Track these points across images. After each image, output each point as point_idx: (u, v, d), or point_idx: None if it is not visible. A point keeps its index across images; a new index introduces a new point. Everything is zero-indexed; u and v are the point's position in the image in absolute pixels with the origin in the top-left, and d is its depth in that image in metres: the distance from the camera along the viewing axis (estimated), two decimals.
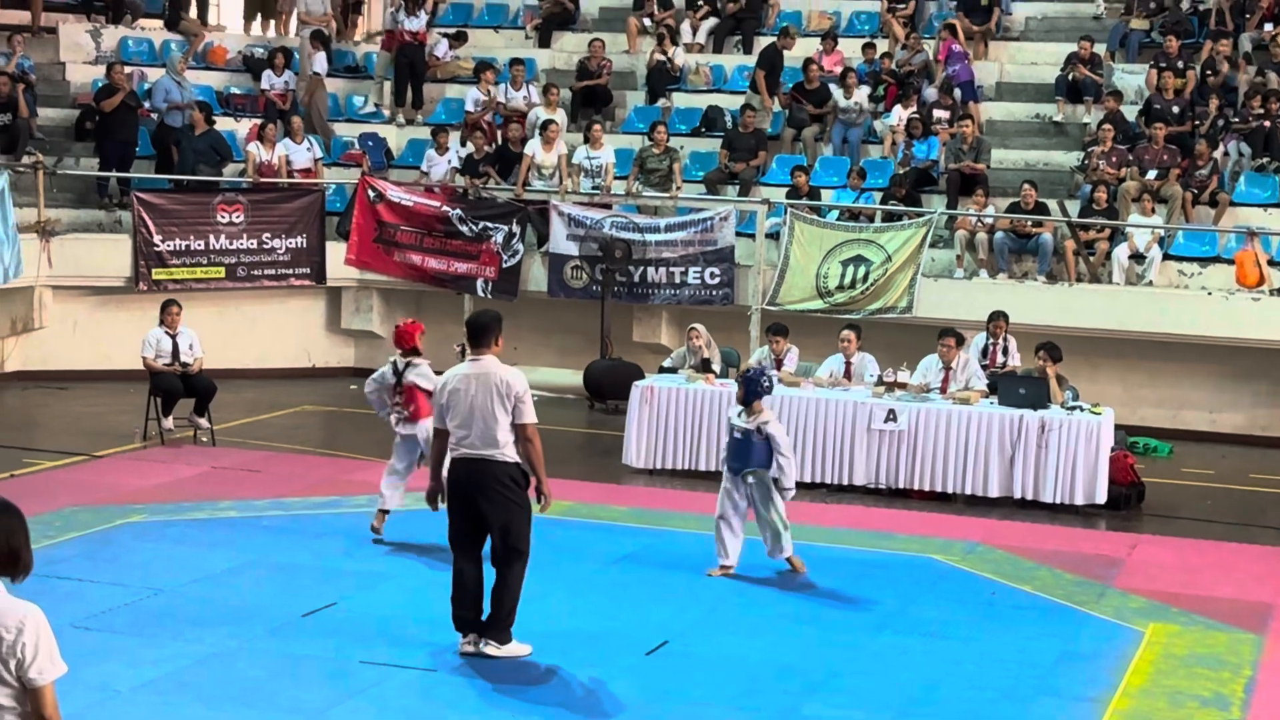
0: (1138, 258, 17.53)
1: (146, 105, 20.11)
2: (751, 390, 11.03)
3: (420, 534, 11.97)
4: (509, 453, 8.99)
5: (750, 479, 11.03)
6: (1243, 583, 11.63)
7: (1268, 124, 18.70)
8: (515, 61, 21.15)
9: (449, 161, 19.61)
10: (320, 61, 21.08)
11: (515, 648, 9.18)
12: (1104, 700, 8.90)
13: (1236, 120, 19.02)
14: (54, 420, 16.68)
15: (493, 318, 9.48)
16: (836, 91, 20.18)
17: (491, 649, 9.13)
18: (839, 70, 20.83)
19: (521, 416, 9.01)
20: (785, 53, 21.18)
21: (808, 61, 20.60)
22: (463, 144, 19.78)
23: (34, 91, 19.94)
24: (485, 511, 9.03)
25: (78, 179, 19.68)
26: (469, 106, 20.63)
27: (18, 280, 17.83)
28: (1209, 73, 19.78)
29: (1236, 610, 10.81)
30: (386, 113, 21.90)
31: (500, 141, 19.89)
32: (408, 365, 11.71)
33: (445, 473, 9.24)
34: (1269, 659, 9.80)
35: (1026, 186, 17.82)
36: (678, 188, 18.99)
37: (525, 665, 9.11)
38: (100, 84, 19.85)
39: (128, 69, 20.34)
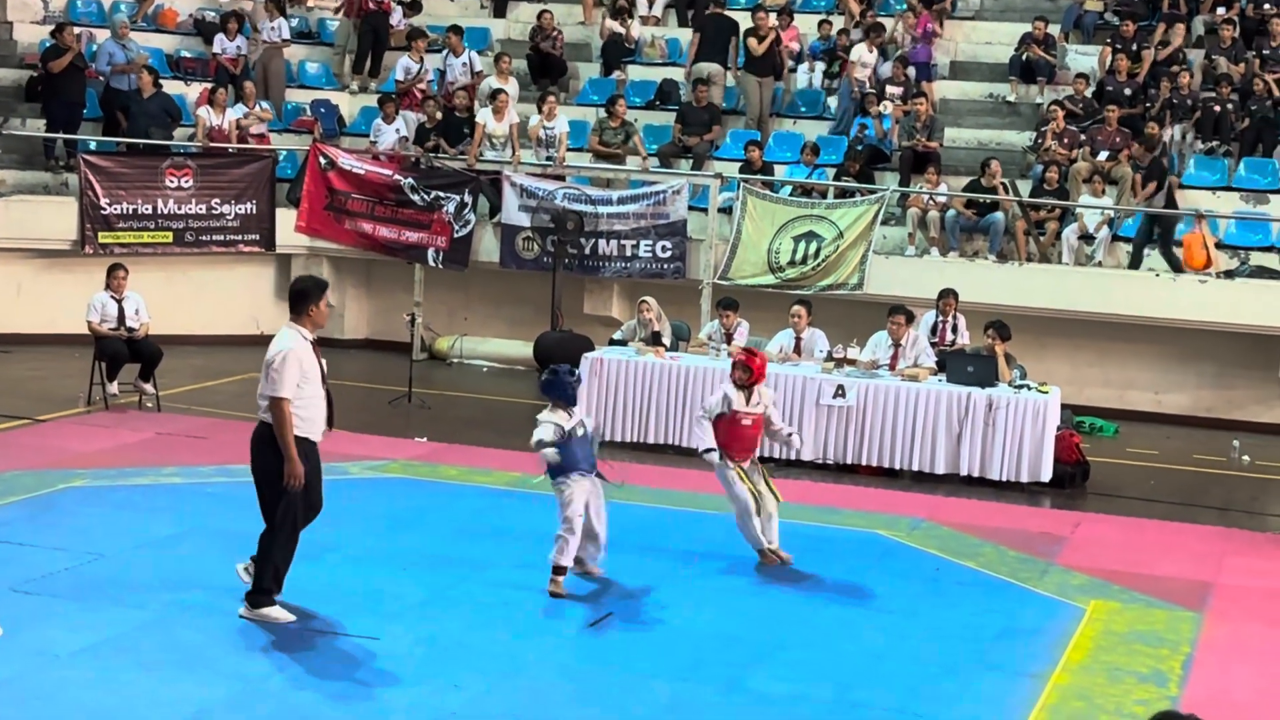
0: (1087, 238, 17.63)
1: (94, 67, 19.89)
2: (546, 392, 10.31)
3: (367, 504, 11.94)
4: (266, 416, 8.94)
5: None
6: (1183, 561, 11.73)
7: (1217, 108, 18.83)
8: (454, 29, 20.99)
9: (397, 130, 19.48)
10: (283, 28, 20.93)
11: (269, 613, 9.10)
12: (1044, 676, 8.96)
13: (1188, 103, 19.13)
14: None
15: (311, 284, 9.17)
16: (859, 50, 20.01)
17: (243, 610, 9.14)
18: (796, 46, 20.80)
19: (268, 387, 8.86)
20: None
21: (750, 31, 20.39)
22: (396, 113, 19.59)
23: None
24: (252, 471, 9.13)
25: (24, 140, 19.46)
26: (399, 75, 20.49)
27: None
28: (1161, 54, 19.88)
29: (1176, 588, 10.91)
30: (340, 80, 21.76)
31: (447, 110, 19.74)
32: None
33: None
34: (1207, 637, 9.90)
35: (994, 163, 17.81)
36: (645, 159, 18.91)
37: (469, 636, 9.08)
38: (48, 44, 19.61)
39: (76, 30, 20.10)
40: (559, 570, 9.99)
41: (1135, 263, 17.51)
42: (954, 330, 15.46)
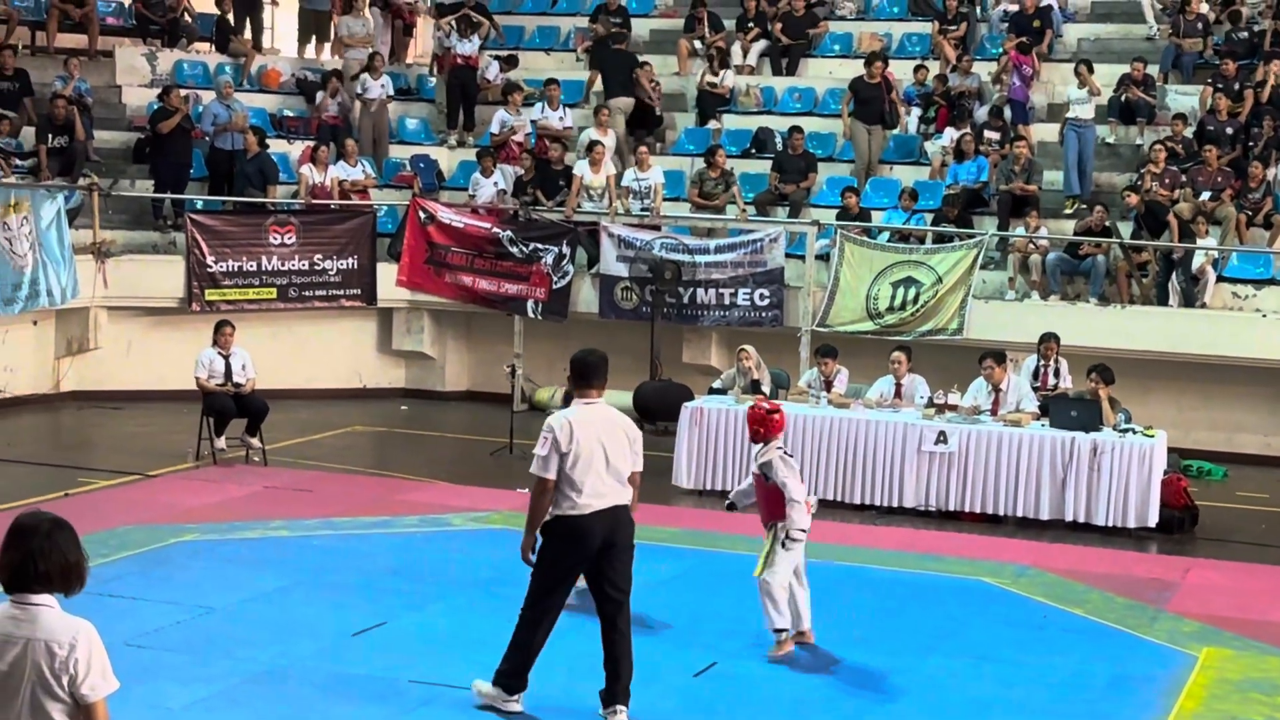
0: (1192, 280, 17.40)
1: (199, 128, 20.31)
2: None
3: (470, 555, 12.01)
4: (626, 494, 8.44)
5: None
6: None
7: None
8: (550, 81, 21.22)
9: (495, 184, 19.69)
10: (387, 84, 21.34)
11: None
12: None
13: None
14: (108, 440, 16.82)
15: (600, 358, 8.70)
16: (1071, 89, 19.76)
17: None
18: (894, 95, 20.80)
19: (639, 462, 8.51)
20: (831, 73, 21.17)
21: (858, 78, 20.43)
22: (493, 166, 19.78)
23: (90, 114, 20.18)
24: (615, 562, 8.42)
25: (133, 201, 19.88)
26: (494, 129, 20.73)
27: (74, 301, 18.06)
28: (1262, 93, 19.63)
29: None
30: (438, 135, 22.06)
31: (537, 162, 19.90)
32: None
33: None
34: None
35: (1098, 209, 17.72)
36: (742, 210, 18.99)
37: (573, 686, 9.08)
38: (156, 107, 20.06)
39: (183, 92, 20.54)
40: None
41: (1163, 298, 17.38)
42: (1056, 374, 15.32)
